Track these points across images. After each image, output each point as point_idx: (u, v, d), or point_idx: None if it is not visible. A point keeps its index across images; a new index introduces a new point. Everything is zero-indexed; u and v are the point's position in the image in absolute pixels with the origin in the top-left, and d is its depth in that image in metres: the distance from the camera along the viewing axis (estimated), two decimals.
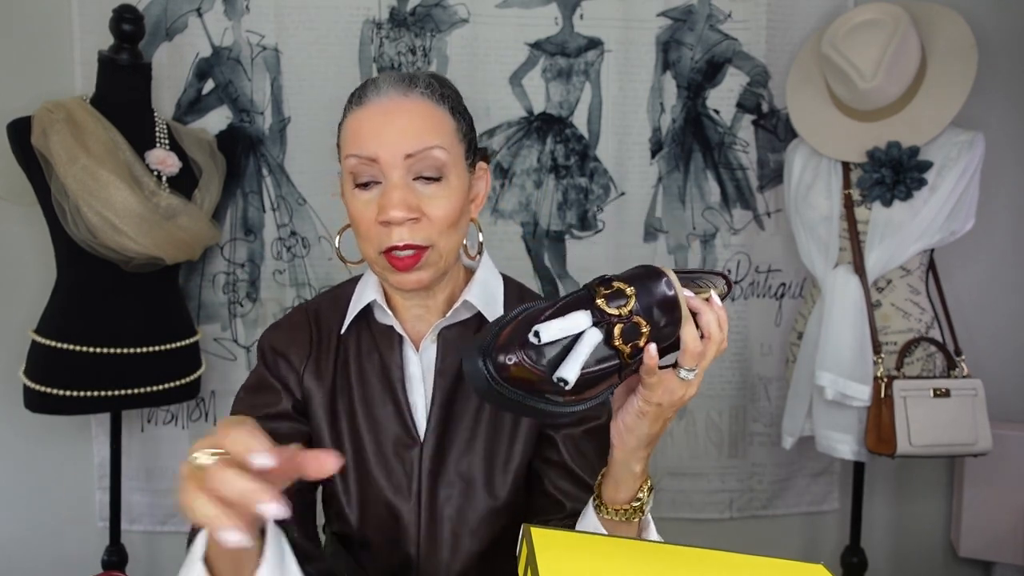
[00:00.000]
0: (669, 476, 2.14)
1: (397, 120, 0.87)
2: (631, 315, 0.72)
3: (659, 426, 0.79)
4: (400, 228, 0.86)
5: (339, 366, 0.98)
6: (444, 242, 0.89)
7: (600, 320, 0.72)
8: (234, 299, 2.00)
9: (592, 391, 0.73)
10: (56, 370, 1.67)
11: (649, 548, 0.74)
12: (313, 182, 1.97)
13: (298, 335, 0.99)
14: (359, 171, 0.88)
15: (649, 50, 2.03)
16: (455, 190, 0.89)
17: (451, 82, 0.98)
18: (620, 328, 0.71)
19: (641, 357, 0.73)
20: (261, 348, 1.01)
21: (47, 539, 1.98)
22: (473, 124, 0.97)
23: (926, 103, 1.78)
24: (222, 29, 1.92)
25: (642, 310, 0.73)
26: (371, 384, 0.97)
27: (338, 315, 1.00)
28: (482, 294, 0.97)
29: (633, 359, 0.73)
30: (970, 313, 2.10)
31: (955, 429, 1.75)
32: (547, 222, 2.05)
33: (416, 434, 0.95)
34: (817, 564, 0.71)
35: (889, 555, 2.24)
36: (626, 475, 0.82)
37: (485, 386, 0.70)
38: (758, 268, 2.12)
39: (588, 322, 0.71)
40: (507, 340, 0.70)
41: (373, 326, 0.99)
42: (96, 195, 1.60)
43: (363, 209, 0.88)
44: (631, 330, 0.72)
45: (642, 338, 0.72)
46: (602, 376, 0.72)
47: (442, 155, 0.88)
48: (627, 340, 0.72)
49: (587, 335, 0.70)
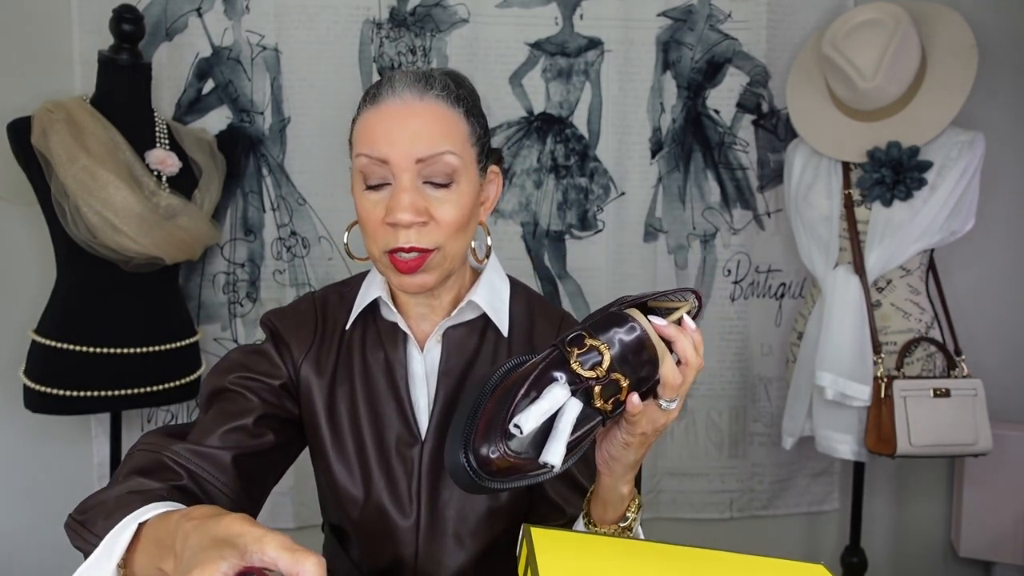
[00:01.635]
0: (669, 476, 2.14)
1: (410, 123, 0.86)
2: (608, 373, 0.70)
3: (644, 450, 0.79)
4: (407, 231, 0.86)
5: (341, 360, 0.98)
6: (451, 245, 0.89)
7: (578, 386, 0.70)
8: (234, 299, 1.99)
9: (576, 449, 0.72)
10: (56, 370, 1.67)
11: (649, 548, 0.74)
12: (313, 182, 1.97)
13: (302, 325, 1.00)
14: (369, 172, 0.87)
15: (649, 50, 2.03)
16: (465, 195, 0.89)
17: (469, 81, 0.97)
18: (599, 389, 0.70)
19: (624, 405, 0.72)
20: (266, 326, 1.00)
21: (46, 539, 1.97)
22: (487, 127, 0.96)
23: (926, 103, 1.78)
24: (222, 29, 1.92)
25: (618, 363, 0.71)
26: (375, 380, 0.97)
27: (344, 309, 1.00)
28: (488, 295, 0.97)
29: (615, 410, 0.72)
30: (970, 313, 2.10)
31: (955, 429, 1.75)
32: (547, 222, 2.05)
33: (418, 432, 0.95)
34: (817, 564, 0.71)
35: (889, 555, 2.24)
36: (614, 497, 0.82)
37: (468, 481, 0.69)
38: (758, 268, 2.12)
39: (566, 394, 0.69)
40: (487, 430, 0.69)
41: (379, 322, 0.98)
42: (96, 195, 1.60)
43: (371, 208, 0.88)
44: (611, 387, 0.71)
45: (623, 392, 0.71)
46: (586, 435, 0.72)
47: (453, 160, 0.87)
48: (608, 398, 0.71)
49: (568, 409, 0.69)
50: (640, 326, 0.72)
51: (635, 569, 0.67)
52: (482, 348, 0.97)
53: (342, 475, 0.96)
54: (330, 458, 0.96)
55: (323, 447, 0.97)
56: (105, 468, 1.90)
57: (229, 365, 0.96)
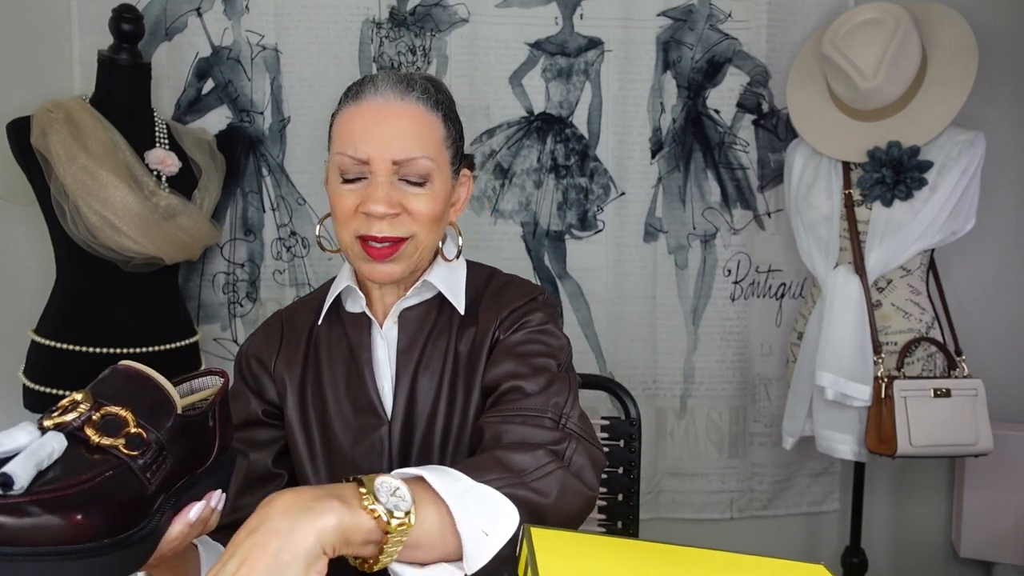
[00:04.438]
0: (669, 476, 2.14)
1: (390, 124, 0.90)
2: (97, 405, 0.61)
3: None
4: (380, 222, 0.90)
5: (310, 354, 1.01)
6: (424, 236, 0.93)
7: (61, 429, 0.59)
8: (234, 299, 1.99)
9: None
10: (55, 370, 1.67)
11: (650, 548, 0.73)
12: (313, 182, 1.97)
13: (269, 334, 1.04)
14: (347, 167, 0.91)
15: (649, 50, 2.03)
16: (438, 193, 0.93)
17: (446, 87, 1.01)
18: (92, 426, 0.60)
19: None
20: (237, 360, 1.05)
21: None
22: (463, 131, 1.00)
23: (927, 103, 1.78)
24: (222, 29, 1.92)
25: (105, 398, 0.62)
26: (339, 370, 0.99)
27: (310, 311, 1.05)
28: (444, 275, 1.00)
29: (150, 456, 0.61)
30: (971, 313, 2.09)
31: (955, 429, 1.75)
32: (547, 222, 2.04)
33: (383, 413, 0.97)
34: (818, 564, 0.71)
35: (890, 555, 2.23)
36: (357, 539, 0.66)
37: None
38: (758, 268, 2.12)
39: (34, 434, 0.58)
40: None
41: (343, 315, 1.02)
42: (95, 195, 1.60)
43: (346, 196, 0.91)
44: (109, 423, 0.61)
45: (131, 424, 0.61)
46: (110, 486, 0.58)
47: (428, 164, 0.91)
48: (108, 431, 0.60)
49: (46, 442, 0.57)
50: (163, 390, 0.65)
51: (636, 569, 0.67)
52: (437, 324, 0.99)
53: (312, 463, 0.99)
54: (301, 453, 0.99)
55: (295, 443, 0.99)
56: None
57: None
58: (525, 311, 0.98)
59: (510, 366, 0.92)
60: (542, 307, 0.99)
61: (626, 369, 2.08)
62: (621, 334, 2.08)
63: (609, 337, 2.08)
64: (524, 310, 0.98)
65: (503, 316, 0.97)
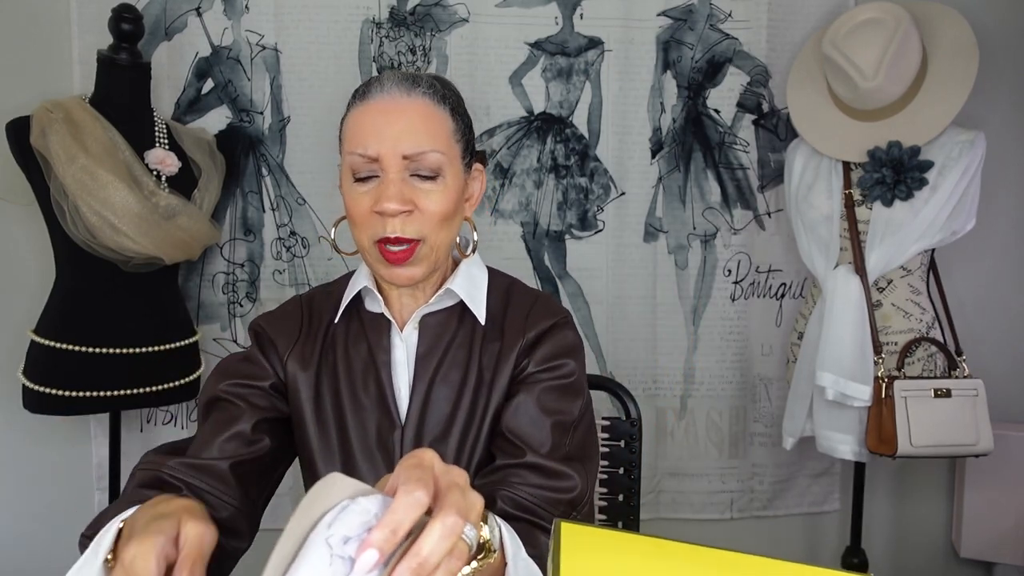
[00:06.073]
0: (669, 476, 2.13)
1: (398, 120, 0.90)
2: None
3: None
4: (394, 220, 0.89)
5: (325, 352, 1.00)
6: (435, 236, 0.92)
7: None
8: (234, 299, 1.99)
9: None
10: (55, 370, 1.67)
11: (680, 549, 0.73)
12: (313, 182, 1.97)
13: (287, 322, 1.03)
14: (359, 167, 0.91)
15: (649, 50, 2.03)
16: (450, 188, 0.93)
17: (453, 84, 1.01)
18: None
19: None
20: (252, 329, 1.03)
21: (45, 539, 1.97)
22: (472, 126, 1.00)
23: (927, 103, 1.78)
24: (221, 29, 1.92)
25: None
26: (356, 369, 0.99)
27: (331, 305, 1.03)
28: (465, 284, 0.99)
29: None
30: (971, 313, 2.09)
31: (956, 429, 1.75)
32: (547, 222, 2.04)
33: (397, 418, 0.97)
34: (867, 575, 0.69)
35: (890, 556, 2.23)
36: None
37: None
38: (758, 268, 2.12)
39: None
40: None
41: (363, 314, 1.01)
42: (95, 195, 1.59)
43: (360, 198, 0.91)
44: None
45: None
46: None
47: (438, 158, 0.91)
48: None
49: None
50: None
51: (663, 569, 0.66)
52: (459, 333, 0.99)
53: (324, 466, 0.97)
54: (313, 449, 0.98)
55: (307, 438, 0.98)
56: (104, 468, 1.90)
57: (220, 374, 0.98)
58: (555, 347, 0.97)
59: (533, 431, 0.91)
60: (570, 337, 0.98)
61: (626, 369, 2.08)
62: (621, 334, 2.08)
63: (609, 337, 2.08)
64: (553, 344, 0.97)
65: (530, 337, 0.97)
